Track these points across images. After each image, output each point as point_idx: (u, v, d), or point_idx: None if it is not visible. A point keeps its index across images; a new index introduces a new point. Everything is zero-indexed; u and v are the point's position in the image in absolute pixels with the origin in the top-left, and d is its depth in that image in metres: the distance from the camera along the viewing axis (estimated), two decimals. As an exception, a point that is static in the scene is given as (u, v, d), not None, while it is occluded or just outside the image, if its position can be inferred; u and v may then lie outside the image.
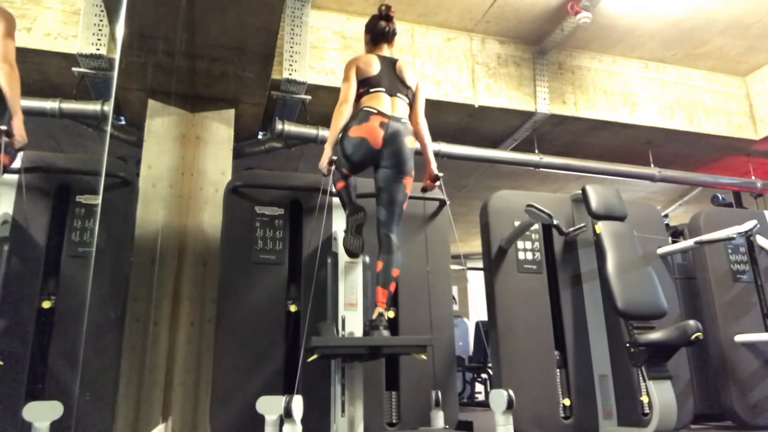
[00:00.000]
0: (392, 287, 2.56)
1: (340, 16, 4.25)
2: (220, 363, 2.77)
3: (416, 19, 4.38)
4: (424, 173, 2.88)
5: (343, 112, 2.66)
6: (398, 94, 2.74)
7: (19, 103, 2.19)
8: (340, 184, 2.73)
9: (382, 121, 2.61)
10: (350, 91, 2.70)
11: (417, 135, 2.80)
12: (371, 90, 2.71)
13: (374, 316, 2.46)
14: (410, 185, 2.68)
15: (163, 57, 3.25)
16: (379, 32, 2.87)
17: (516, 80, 4.55)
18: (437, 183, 2.88)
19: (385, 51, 2.88)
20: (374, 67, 2.75)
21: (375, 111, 2.63)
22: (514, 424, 2.43)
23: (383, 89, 2.71)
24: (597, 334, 3.29)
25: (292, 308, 2.94)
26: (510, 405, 2.37)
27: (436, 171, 2.85)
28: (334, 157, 2.64)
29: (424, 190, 2.94)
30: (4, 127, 2.13)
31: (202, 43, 3.15)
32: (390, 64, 2.81)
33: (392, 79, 2.76)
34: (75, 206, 2.77)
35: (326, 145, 2.67)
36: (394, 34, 2.90)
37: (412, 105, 2.83)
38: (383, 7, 2.86)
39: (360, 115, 2.63)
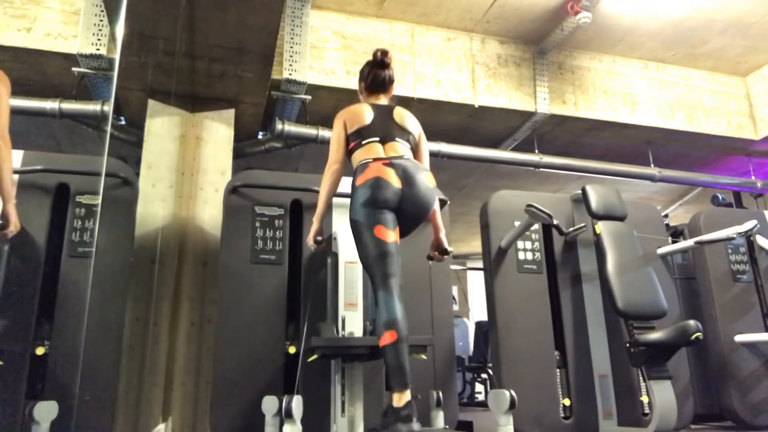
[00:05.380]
0: None
1: (340, 16, 4.25)
2: (220, 363, 2.77)
3: (416, 19, 4.38)
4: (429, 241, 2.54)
5: (332, 176, 2.36)
6: (396, 139, 2.35)
7: (11, 186, 2.05)
8: (387, 339, 2.01)
9: (384, 163, 2.23)
10: (339, 150, 2.37)
11: None
12: (364, 142, 2.33)
13: None
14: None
15: (163, 57, 3.25)
16: (374, 81, 2.50)
17: (516, 80, 4.55)
18: (445, 257, 2.52)
19: (382, 100, 2.52)
20: (366, 117, 2.38)
21: (371, 159, 2.26)
22: (514, 424, 2.43)
23: (377, 138, 2.33)
24: (597, 334, 3.29)
25: (291, 350, 2.83)
26: (512, 405, 2.37)
27: (445, 243, 2.48)
28: (319, 238, 2.42)
29: (429, 258, 2.57)
30: None
31: (202, 43, 3.15)
32: (386, 112, 2.44)
33: (388, 127, 2.38)
34: (75, 206, 2.77)
35: (315, 218, 2.42)
36: (391, 81, 2.52)
37: (415, 154, 2.43)
38: (379, 54, 2.49)
39: (358, 169, 2.29)
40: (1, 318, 2.31)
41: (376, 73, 2.50)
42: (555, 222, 3.15)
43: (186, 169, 3.52)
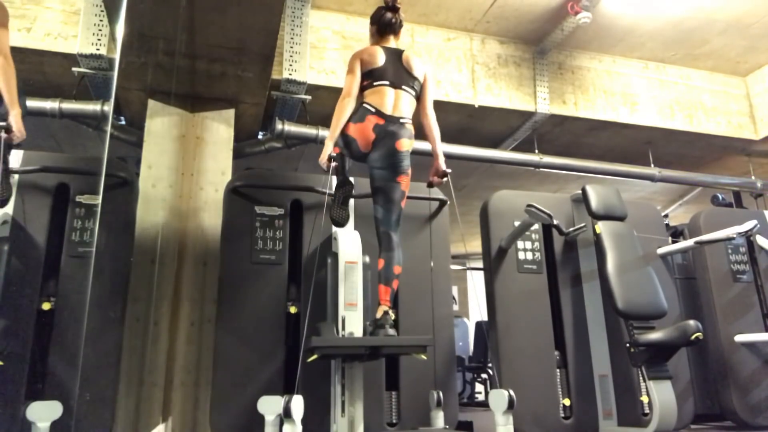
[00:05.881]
0: (395, 285, 2.53)
1: (340, 16, 4.25)
2: (220, 363, 2.77)
3: (416, 19, 4.37)
4: (430, 168, 2.81)
5: (345, 106, 2.61)
6: (404, 86, 2.68)
7: (16, 96, 2.14)
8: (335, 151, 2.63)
9: (377, 123, 2.57)
10: (354, 84, 2.65)
11: (424, 128, 2.78)
12: (375, 83, 2.65)
13: (379, 315, 2.44)
14: (407, 184, 2.64)
15: (163, 57, 3.25)
16: (385, 23, 2.79)
17: (516, 80, 4.55)
18: (445, 179, 2.78)
19: (392, 43, 2.81)
20: (379, 58, 2.68)
21: (373, 110, 2.58)
22: (514, 423, 2.43)
23: (387, 82, 2.65)
24: (597, 334, 3.30)
25: (292, 309, 2.92)
26: (511, 405, 2.37)
27: (443, 166, 2.77)
28: (334, 153, 2.60)
29: (430, 185, 2.85)
30: (2, 123, 2.11)
31: (202, 43, 3.15)
32: (396, 55, 2.74)
33: (398, 71, 2.69)
34: (75, 206, 2.77)
35: (327, 140, 2.62)
36: (400, 25, 2.82)
37: (419, 97, 2.77)
38: None
39: (359, 112, 2.60)
40: (1, 317, 2.31)
41: (387, 16, 2.79)
42: (555, 222, 3.15)
43: (186, 169, 3.52)
